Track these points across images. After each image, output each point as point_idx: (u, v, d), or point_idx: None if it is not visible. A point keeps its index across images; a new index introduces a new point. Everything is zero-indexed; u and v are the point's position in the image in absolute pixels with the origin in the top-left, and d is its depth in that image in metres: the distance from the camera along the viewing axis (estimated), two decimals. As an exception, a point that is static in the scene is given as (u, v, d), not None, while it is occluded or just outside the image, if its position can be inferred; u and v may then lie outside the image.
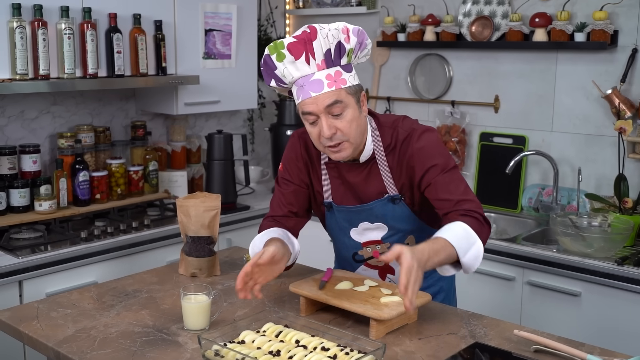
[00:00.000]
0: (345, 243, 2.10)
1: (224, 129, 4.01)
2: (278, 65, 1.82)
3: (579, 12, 3.24)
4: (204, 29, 3.49)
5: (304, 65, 1.80)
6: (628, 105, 3.07)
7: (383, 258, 1.65)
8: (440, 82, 3.78)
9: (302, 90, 1.82)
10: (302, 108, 1.84)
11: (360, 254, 2.09)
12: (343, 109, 1.82)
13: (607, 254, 2.72)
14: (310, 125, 1.86)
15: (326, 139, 1.84)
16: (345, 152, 1.87)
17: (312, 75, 1.81)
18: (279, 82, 1.87)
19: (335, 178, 2.03)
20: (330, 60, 1.82)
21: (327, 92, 1.80)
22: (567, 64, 3.31)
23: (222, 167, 3.50)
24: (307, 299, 1.91)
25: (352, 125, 1.84)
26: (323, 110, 1.81)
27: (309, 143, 2.03)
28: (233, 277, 2.25)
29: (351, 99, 1.84)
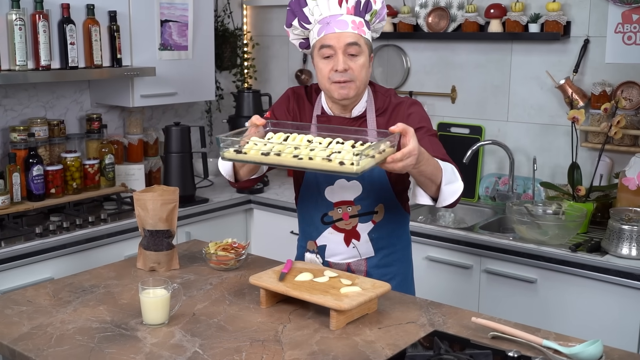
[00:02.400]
0: (317, 202, 2.14)
1: (181, 121, 3.97)
2: (309, 3, 2.01)
3: (533, 3, 3.29)
4: (160, 19, 3.44)
5: (336, 5, 1.99)
6: (580, 95, 3.14)
7: (393, 128, 1.73)
8: (398, 73, 3.81)
9: (326, 27, 1.99)
10: (322, 42, 1.99)
11: (330, 214, 2.13)
12: (358, 53, 1.99)
13: (561, 241, 2.78)
14: (322, 60, 2.01)
15: (338, 73, 1.98)
16: (350, 91, 2.01)
17: (340, 15, 1.99)
18: (302, 20, 2.03)
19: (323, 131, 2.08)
20: (358, 10, 2.01)
21: (350, 32, 1.98)
22: (522, 55, 3.36)
23: (180, 160, 3.47)
24: (267, 291, 1.91)
25: (362, 70, 2.01)
26: (342, 47, 1.97)
27: (303, 98, 2.17)
28: (192, 271, 2.24)
29: (366, 50, 2.02)
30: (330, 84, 2.02)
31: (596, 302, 2.65)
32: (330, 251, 2.17)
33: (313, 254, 2.21)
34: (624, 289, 2.58)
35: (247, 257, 2.34)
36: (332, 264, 2.18)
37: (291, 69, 4.28)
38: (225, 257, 2.23)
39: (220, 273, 2.22)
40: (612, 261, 2.61)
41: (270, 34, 4.35)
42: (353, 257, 2.17)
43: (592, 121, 3.13)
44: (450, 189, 1.96)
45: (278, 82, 4.36)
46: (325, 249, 2.18)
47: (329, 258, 2.18)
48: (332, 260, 2.18)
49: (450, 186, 1.96)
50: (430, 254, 3.06)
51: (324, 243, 2.18)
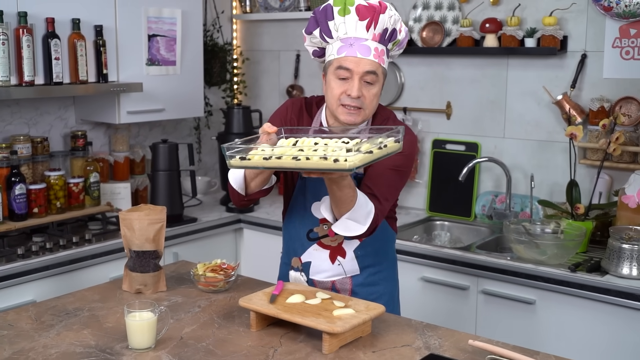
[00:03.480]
0: (304, 218, 2.16)
1: (169, 138, 3.97)
2: (336, 18, 2.00)
3: (529, 17, 3.32)
4: (147, 34, 3.46)
5: (364, 29, 1.99)
6: (578, 111, 3.16)
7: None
8: (392, 89, 3.82)
9: (349, 48, 1.99)
10: (341, 62, 2.00)
11: (316, 231, 2.15)
12: (374, 82, 2.02)
13: (560, 261, 2.78)
14: (337, 80, 2.02)
15: (350, 98, 2.00)
16: (358, 118, 2.03)
17: (365, 40, 2.00)
18: (324, 32, 2.03)
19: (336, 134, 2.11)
20: (383, 38, 2.03)
21: (371, 60, 2.00)
22: (518, 70, 3.39)
23: (167, 178, 3.47)
24: (258, 313, 1.90)
25: (374, 99, 2.04)
26: (360, 73, 1.99)
27: (302, 110, 2.18)
28: (180, 293, 2.23)
29: (381, 79, 2.05)
30: (338, 106, 2.03)
31: (596, 323, 2.65)
32: (315, 268, 2.18)
33: (297, 272, 2.21)
34: (625, 310, 2.58)
35: (236, 279, 2.33)
36: (316, 282, 2.18)
37: (282, 84, 4.30)
38: (214, 278, 2.23)
39: (209, 295, 2.21)
40: (613, 281, 2.61)
41: (260, 49, 4.37)
42: (338, 275, 2.18)
43: (590, 137, 3.15)
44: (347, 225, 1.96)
45: (269, 97, 4.37)
46: (310, 266, 2.18)
47: (313, 276, 2.19)
48: (317, 278, 2.18)
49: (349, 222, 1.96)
50: (426, 274, 3.06)
51: (308, 260, 2.18)
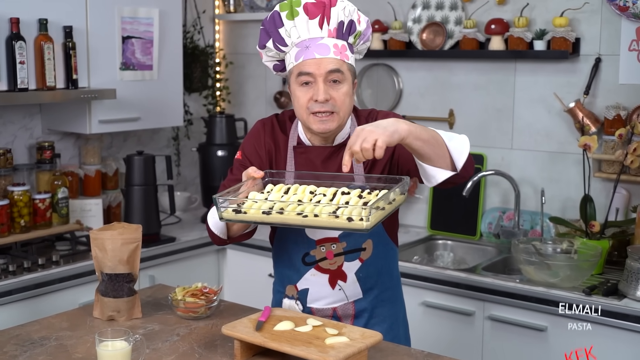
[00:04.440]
0: (297, 241, 2.15)
1: (144, 149, 3.96)
2: (286, 23, 2.02)
3: (538, 17, 3.35)
4: (121, 36, 3.46)
5: (316, 27, 2.01)
6: (592, 120, 3.18)
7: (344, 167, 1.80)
8: (389, 95, 3.84)
9: (305, 51, 2.01)
10: (300, 68, 2.02)
11: (312, 254, 2.14)
12: (341, 80, 2.02)
13: (574, 284, 2.79)
14: (300, 88, 2.03)
15: (318, 103, 2.00)
16: (332, 124, 2.03)
17: (320, 39, 2.01)
18: (277, 42, 2.05)
19: (301, 165, 2.12)
20: (341, 32, 2.03)
21: (332, 58, 2.00)
22: (527, 75, 3.41)
23: (143, 194, 3.46)
24: (243, 342, 1.90)
25: (345, 99, 2.04)
26: (323, 74, 2.00)
27: (276, 129, 2.18)
28: (157, 320, 2.23)
29: (349, 76, 2.05)
30: (308, 115, 2.04)
31: (614, 351, 2.65)
32: (314, 295, 2.17)
33: (292, 300, 2.21)
34: (645, 337, 2.59)
35: (219, 304, 2.32)
36: (315, 311, 2.18)
37: (269, 90, 4.31)
38: (195, 304, 2.22)
39: (189, 322, 2.21)
40: (631, 305, 2.62)
41: (245, 52, 4.38)
42: (339, 301, 2.17)
43: (605, 149, 3.17)
44: (456, 145, 1.97)
45: (254, 105, 4.38)
46: (308, 294, 2.18)
47: (311, 304, 2.18)
48: (316, 305, 2.18)
49: (452, 142, 1.97)
50: (427, 299, 3.06)
51: (305, 287, 2.18)
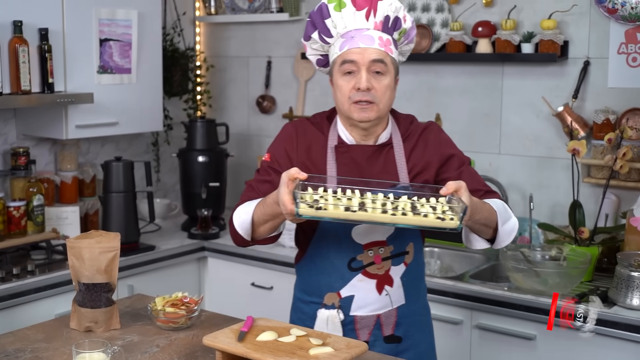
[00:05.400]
0: (341, 246, 2.15)
1: (123, 155, 3.95)
2: (333, 14, 2.09)
3: (526, 20, 3.38)
4: (99, 38, 3.46)
5: (363, 18, 2.08)
6: (581, 124, 3.21)
7: (445, 191, 1.88)
8: (374, 99, 3.85)
9: (350, 40, 2.07)
10: (344, 57, 2.07)
11: (360, 259, 2.14)
12: (384, 72, 2.08)
13: (563, 291, 2.81)
14: (343, 77, 2.08)
15: (360, 92, 2.05)
16: (371, 113, 2.08)
17: (366, 30, 2.08)
18: (323, 33, 2.12)
19: (344, 165, 2.14)
20: (386, 26, 2.10)
21: (376, 49, 2.07)
22: (515, 78, 3.44)
23: (121, 201, 3.46)
24: (224, 353, 1.90)
25: (386, 91, 2.09)
26: (366, 63, 2.05)
27: (311, 130, 2.20)
28: (136, 331, 2.22)
29: (392, 69, 2.11)
30: (350, 105, 2.09)
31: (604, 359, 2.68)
32: (359, 302, 2.17)
33: (332, 310, 2.18)
34: (636, 345, 2.61)
35: (200, 314, 2.32)
36: (358, 319, 2.18)
37: (251, 94, 4.31)
38: (175, 314, 2.22)
39: (169, 333, 2.20)
40: (621, 313, 2.64)
41: (227, 55, 4.38)
42: (384, 307, 2.19)
43: (594, 153, 3.20)
44: (507, 229, 2.11)
45: (236, 109, 4.38)
46: (353, 300, 2.17)
47: (355, 311, 2.17)
48: (360, 313, 2.18)
49: (506, 226, 2.10)
50: (414, 307, 3.07)
51: (351, 293, 2.17)
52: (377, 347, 2.18)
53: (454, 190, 1.89)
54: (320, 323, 2.20)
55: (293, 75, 4.14)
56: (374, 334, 2.19)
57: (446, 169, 2.19)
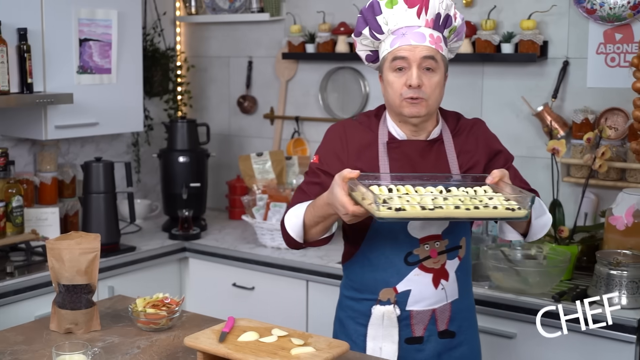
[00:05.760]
0: (397, 240, 2.16)
1: (103, 156, 3.94)
2: (384, 11, 2.11)
3: (506, 20, 3.40)
4: (79, 38, 3.44)
5: (414, 16, 2.10)
6: (561, 124, 3.23)
7: (491, 180, 1.98)
8: (356, 99, 3.86)
9: (402, 38, 2.10)
10: (395, 53, 2.11)
11: (416, 253, 2.16)
12: (435, 68, 2.11)
13: (543, 290, 2.83)
14: (394, 73, 2.12)
15: (411, 89, 2.09)
16: (422, 109, 2.11)
17: (417, 27, 2.11)
18: (374, 29, 2.14)
19: (396, 160, 2.17)
20: (437, 24, 2.13)
21: (427, 46, 2.10)
22: (495, 78, 3.46)
23: (101, 202, 3.44)
24: (206, 354, 1.90)
25: (436, 88, 2.13)
26: (417, 60, 2.09)
27: (359, 129, 2.23)
28: (116, 332, 2.21)
29: (442, 66, 2.14)
30: (401, 101, 2.12)
31: (584, 358, 2.69)
32: (415, 297, 2.18)
33: (388, 306, 2.18)
34: (615, 343, 2.63)
35: (181, 315, 2.32)
36: (414, 314, 2.19)
37: (232, 95, 4.31)
38: (156, 315, 2.22)
39: (150, 334, 2.20)
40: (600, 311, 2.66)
41: (208, 55, 4.38)
42: (439, 302, 2.21)
43: (574, 153, 3.22)
44: (541, 223, 2.19)
45: (217, 110, 4.38)
46: (409, 295, 2.18)
47: (412, 306, 2.18)
48: (416, 308, 2.19)
49: (540, 220, 2.18)
50: (395, 307, 3.08)
51: (407, 288, 2.18)
52: (432, 342, 2.21)
53: (499, 179, 1.97)
54: (375, 320, 2.20)
55: (274, 76, 4.14)
56: (429, 329, 2.21)
57: (493, 165, 2.24)
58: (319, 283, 3.25)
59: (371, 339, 2.21)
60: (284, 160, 3.91)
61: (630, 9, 3.05)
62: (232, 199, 4.12)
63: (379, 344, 2.19)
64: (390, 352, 2.17)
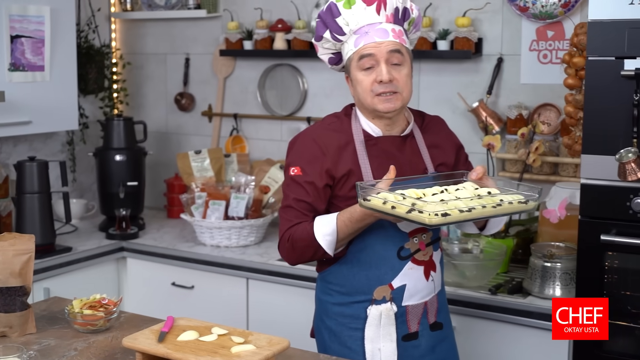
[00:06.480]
0: (387, 237, 2.16)
1: (37, 155, 3.86)
2: (343, 12, 2.13)
3: (441, 18, 3.45)
4: (10, 35, 3.37)
5: (374, 13, 2.13)
6: (495, 119, 3.29)
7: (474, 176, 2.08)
8: (294, 96, 3.87)
9: (365, 36, 2.12)
10: (362, 52, 2.13)
11: (407, 247, 2.17)
12: (402, 62, 2.14)
13: (480, 283, 2.88)
14: (363, 72, 2.13)
15: (382, 84, 2.11)
16: (396, 103, 2.13)
17: (379, 24, 2.13)
18: (335, 32, 2.16)
19: (375, 157, 2.17)
20: (397, 18, 2.16)
21: (392, 41, 2.13)
22: (431, 75, 3.50)
23: (36, 202, 3.38)
24: (145, 354, 1.89)
25: (407, 81, 2.15)
26: (385, 55, 2.11)
27: (331, 132, 2.21)
28: (53, 335, 2.18)
29: (408, 59, 2.17)
30: (373, 98, 2.13)
31: (520, 348, 2.75)
32: (410, 291, 2.18)
33: (385, 304, 2.17)
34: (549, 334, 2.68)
35: (119, 316, 2.29)
36: (409, 309, 2.19)
37: (170, 92, 4.27)
38: (93, 316, 2.19)
39: (87, 336, 2.17)
40: (536, 303, 2.72)
41: (144, 52, 4.33)
42: (430, 294, 2.23)
43: (508, 148, 3.29)
44: (498, 219, 2.22)
45: (154, 107, 4.33)
46: (405, 290, 2.18)
47: (407, 301, 2.19)
48: (411, 302, 2.19)
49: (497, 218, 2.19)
50: (336, 303, 3.09)
51: (403, 283, 2.18)
52: (425, 336, 2.23)
53: (482, 174, 2.08)
54: (373, 320, 2.17)
55: (212, 73, 4.11)
56: (422, 322, 2.23)
57: (458, 159, 2.34)
58: (259, 281, 3.25)
59: (369, 341, 2.18)
60: (222, 158, 3.89)
61: (561, 6, 3.13)
62: (170, 198, 4.08)
63: (377, 345, 2.17)
64: (389, 352, 2.17)
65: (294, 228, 2.14)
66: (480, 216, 1.95)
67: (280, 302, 3.19)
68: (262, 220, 3.49)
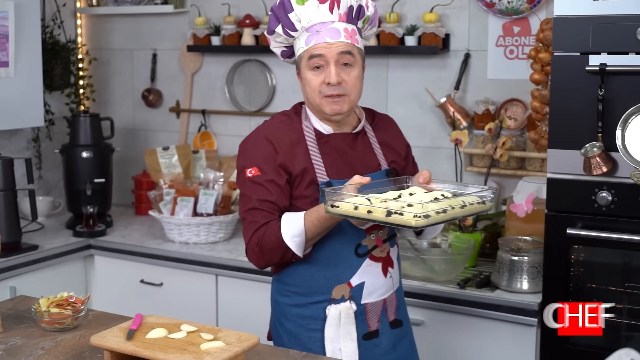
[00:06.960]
0: (347, 235, 2.15)
1: (2, 152, 3.82)
2: (296, 8, 2.10)
3: (409, 13, 3.46)
4: (-27, 30, 3.33)
5: (327, 11, 2.09)
6: (463, 115, 3.32)
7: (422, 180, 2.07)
8: (262, 92, 3.86)
9: (316, 35, 2.09)
10: (312, 52, 2.10)
11: (364, 244, 2.17)
12: (352, 63, 2.12)
13: (449, 277, 2.90)
14: (312, 71, 2.12)
15: (330, 86, 2.09)
16: (344, 105, 2.12)
17: (331, 23, 2.10)
18: (287, 27, 2.13)
19: (328, 154, 2.15)
20: (351, 17, 2.12)
21: (343, 42, 2.10)
22: (399, 70, 3.51)
23: (1, 200, 3.35)
24: (113, 352, 1.87)
25: (356, 83, 2.13)
26: (335, 56, 2.09)
27: (282, 130, 2.18)
28: (19, 334, 2.15)
29: (359, 60, 2.15)
30: (320, 99, 2.12)
31: (489, 341, 2.78)
32: (369, 288, 2.17)
33: (343, 303, 2.15)
34: (517, 327, 2.72)
35: (87, 314, 2.28)
36: (369, 307, 2.18)
37: (137, 88, 4.24)
38: (60, 314, 2.17)
39: (55, 334, 2.15)
40: (503, 297, 2.75)
41: (110, 48, 4.29)
42: (388, 291, 2.22)
43: (476, 143, 3.31)
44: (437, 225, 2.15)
45: (121, 103, 4.30)
46: (364, 287, 2.17)
47: (366, 299, 2.18)
48: (370, 300, 2.19)
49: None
50: (305, 298, 3.10)
51: (361, 280, 2.17)
52: (385, 334, 2.23)
53: (429, 179, 2.08)
54: (332, 320, 2.16)
55: (179, 68, 4.09)
56: (382, 320, 2.22)
57: (408, 159, 2.34)
58: (228, 277, 3.24)
59: (329, 341, 2.16)
60: (191, 154, 3.87)
61: (527, 2, 3.15)
62: (138, 194, 4.05)
63: (338, 345, 2.16)
64: (350, 351, 2.15)
65: (261, 230, 2.11)
66: (454, 217, 1.94)
67: (250, 299, 3.18)
68: (231, 216, 3.48)
